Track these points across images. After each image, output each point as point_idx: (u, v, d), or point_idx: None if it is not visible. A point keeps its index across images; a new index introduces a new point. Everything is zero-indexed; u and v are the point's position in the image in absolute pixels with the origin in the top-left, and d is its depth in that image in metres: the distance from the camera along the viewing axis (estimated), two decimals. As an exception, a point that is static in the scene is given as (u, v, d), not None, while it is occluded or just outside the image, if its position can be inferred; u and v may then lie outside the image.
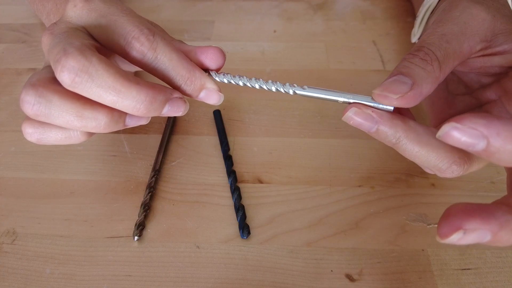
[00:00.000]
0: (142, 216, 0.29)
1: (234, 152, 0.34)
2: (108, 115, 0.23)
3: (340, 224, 0.29)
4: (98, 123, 0.23)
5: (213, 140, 0.35)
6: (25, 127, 0.25)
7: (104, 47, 0.24)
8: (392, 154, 0.33)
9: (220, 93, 0.25)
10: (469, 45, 0.23)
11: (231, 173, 0.32)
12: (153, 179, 0.31)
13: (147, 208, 0.30)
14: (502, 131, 0.17)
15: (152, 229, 0.29)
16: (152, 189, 0.31)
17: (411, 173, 0.32)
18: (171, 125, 0.36)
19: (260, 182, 0.32)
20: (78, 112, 0.23)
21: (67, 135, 0.25)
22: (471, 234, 0.18)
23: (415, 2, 0.43)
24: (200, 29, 0.47)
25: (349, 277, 0.26)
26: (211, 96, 0.25)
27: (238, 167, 0.33)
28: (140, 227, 0.29)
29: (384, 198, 0.30)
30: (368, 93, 0.23)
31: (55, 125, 0.24)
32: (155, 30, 0.24)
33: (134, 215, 0.30)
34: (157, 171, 0.32)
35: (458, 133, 0.17)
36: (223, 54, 0.25)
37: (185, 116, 0.37)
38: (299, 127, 0.36)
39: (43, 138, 0.25)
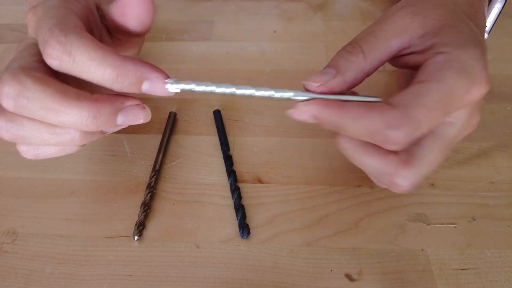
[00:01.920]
0: (142, 216, 0.29)
1: (234, 152, 0.34)
2: None
3: (340, 224, 0.29)
4: (72, 136, 0.23)
5: (213, 140, 0.35)
6: (19, 146, 0.25)
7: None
8: (392, 154, 0.33)
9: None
10: (398, 41, 0.24)
11: (231, 173, 0.32)
12: (153, 179, 0.31)
13: (147, 208, 0.30)
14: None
15: (152, 229, 0.29)
16: (152, 189, 0.31)
17: (411, 173, 0.32)
18: (171, 125, 0.36)
19: (260, 182, 0.32)
20: (50, 130, 0.22)
21: (61, 148, 0.25)
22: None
23: None
24: (200, 29, 0.47)
25: (349, 277, 0.26)
26: (157, 87, 0.23)
27: (238, 167, 0.33)
28: (140, 227, 0.29)
29: (383, 198, 0.30)
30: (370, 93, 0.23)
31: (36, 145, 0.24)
32: (69, 29, 0.21)
33: (134, 215, 0.30)
34: (157, 171, 0.32)
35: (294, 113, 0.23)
36: (147, 4, 0.23)
37: (185, 116, 0.37)
38: (299, 127, 0.36)
39: (39, 154, 0.25)
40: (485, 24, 0.27)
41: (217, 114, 0.37)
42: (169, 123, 0.36)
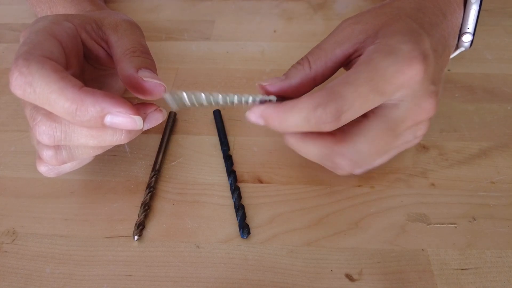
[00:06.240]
0: (142, 216, 0.29)
1: (234, 152, 0.34)
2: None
3: (340, 224, 0.29)
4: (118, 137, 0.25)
5: (213, 140, 0.35)
6: (39, 167, 0.28)
7: None
8: (392, 154, 0.33)
9: (133, 116, 0.22)
10: (341, 50, 0.26)
11: (231, 173, 0.32)
12: (153, 179, 0.31)
13: (147, 208, 0.30)
14: None
15: (152, 229, 0.29)
16: (152, 189, 0.31)
17: (411, 173, 0.32)
18: (171, 125, 0.36)
19: (260, 182, 0.32)
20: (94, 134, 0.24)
21: (80, 161, 0.28)
22: None
23: None
24: (200, 29, 0.47)
25: (349, 277, 0.26)
26: (120, 122, 0.22)
27: (238, 167, 0.33)
28: (140, 227, 0.29)
29: (384, 198, 0.30)
30: None
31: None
32: (33, 58, 0.21)
33: (134, 215, 0.30)
34: (157, 171, 0.32)
35: None
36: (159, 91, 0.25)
37: (185, 116, 0.37)
38: (299, 127, 0.36)
39: (60, 171, 0.28)
40: (438, 22, 0.28)
41: (217, 114, 0.37)
42: (169, 123, 0.36)
